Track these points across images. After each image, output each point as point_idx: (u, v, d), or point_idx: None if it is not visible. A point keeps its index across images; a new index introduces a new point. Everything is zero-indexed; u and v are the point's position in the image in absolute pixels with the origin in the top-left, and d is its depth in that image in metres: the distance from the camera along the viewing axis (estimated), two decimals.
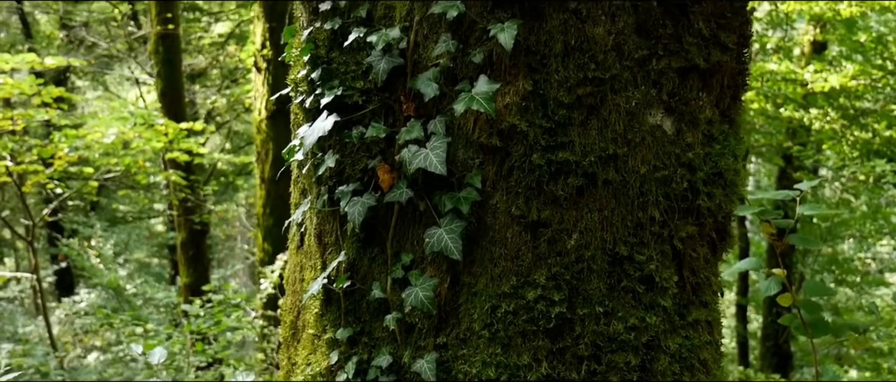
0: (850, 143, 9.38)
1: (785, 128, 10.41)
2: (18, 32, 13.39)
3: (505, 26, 1.50)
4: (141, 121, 8.69)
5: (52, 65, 8.42)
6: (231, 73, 12.89)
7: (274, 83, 8.09)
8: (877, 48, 9.08)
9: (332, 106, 1.66)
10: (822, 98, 9.27)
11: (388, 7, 1.63)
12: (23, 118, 8.37)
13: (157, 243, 14.40)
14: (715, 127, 1.69)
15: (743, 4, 1.68)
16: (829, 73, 8.69)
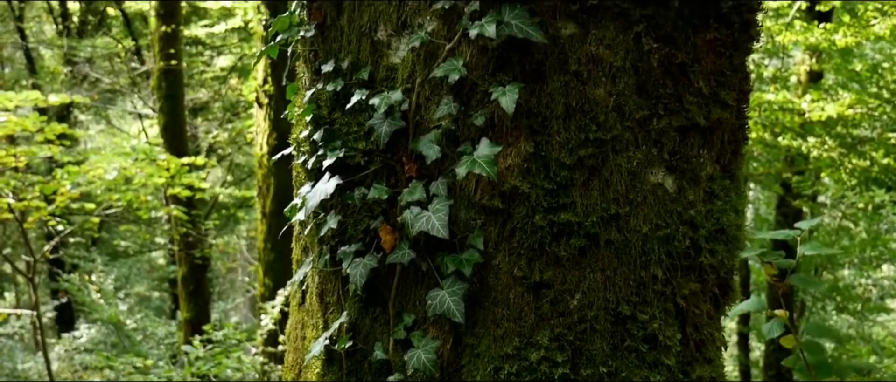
0: (848, 171, 9.40)
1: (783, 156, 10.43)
2: (23, 67, 13.48)
3: (506, 90, 1.51)
4: (143, 157, 8.71)
5: (56, 103, 8.47)
6: (233, 106, 12.95)
7: (275, 118, 8.14)
8: (872, 77, 9.13)
9: (334, 167, 1.67)
10: (819, 126, 9.30)
11: (389, 69, 1.65)
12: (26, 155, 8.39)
13: (157, 276, 14.36)
14: (716, 183, 1.69)
15: (742, 61, 1.70)
16: (826, 102, 8.73)
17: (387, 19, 1.62)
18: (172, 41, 9.81)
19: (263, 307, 7.40)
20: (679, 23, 1.57)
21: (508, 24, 1.49)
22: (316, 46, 1.74)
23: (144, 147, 9.10)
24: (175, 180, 8.83)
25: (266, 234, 8.37)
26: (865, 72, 9.03)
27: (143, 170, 8.68)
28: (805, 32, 8.10)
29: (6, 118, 8.02)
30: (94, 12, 13.13)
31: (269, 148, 8.21)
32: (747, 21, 1.67)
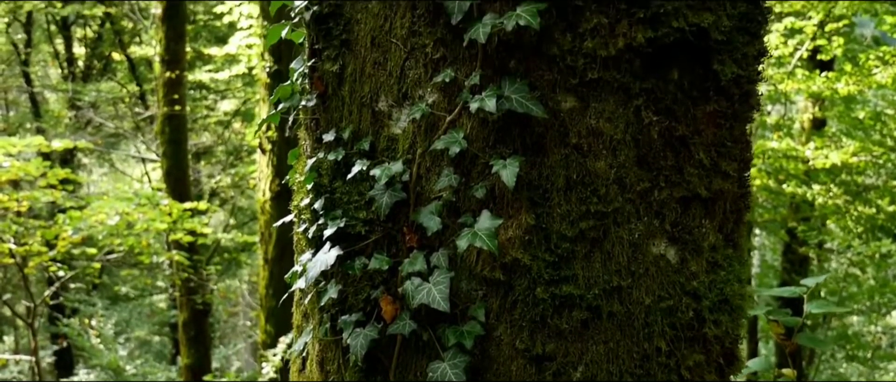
0: (854, 219, 9.37)
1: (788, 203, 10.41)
2: (28, 111, 13.59)
3: (507, 163, 1.51)
4: (145, 202, 8.73)
5: (59, 148, 8.53)
6: (236, 151, 13.02)
7: (278, 164, 8.16)
8: (876, 125, 9.16)
9: (335, 237, 1.66)
10: (824, 174, 9.30)
11: (390, 139, 1.65)
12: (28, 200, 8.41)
13: (158, 321, 14.29)
14: (719, 252, 1.68)
15: (742, 131, 1.70)
16: (830, 150, 8.74)
17: (388, 90, 1.63)
18: (177, 86, 9.89)
19: (265, 355, 7.34)
20: (679, 95, 1.58)
21: (508, 98, 1.50)
22: (317, 115, 1.74)
23: (147, 192, 9.12)
24: (177, 225, 8.84)
25: (268, 280, 8.34)
26: (869, 119, 9.07)
27: (145, 215, 8.68)
28: (807, 81, 8.15)
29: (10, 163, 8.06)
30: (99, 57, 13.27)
31: (272, 194, 8.23)
32: (747, 92, 1.67)
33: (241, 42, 8.40)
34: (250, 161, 12.02)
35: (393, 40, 1.61)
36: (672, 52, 1.56)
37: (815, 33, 7.93)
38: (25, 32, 13.03)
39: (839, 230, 9.93)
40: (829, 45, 8.28)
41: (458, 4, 1.50)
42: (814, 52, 9.07)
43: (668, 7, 1.51)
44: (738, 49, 1.62)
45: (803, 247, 10.14)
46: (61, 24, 12.94)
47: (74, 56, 13.39)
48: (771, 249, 12.80)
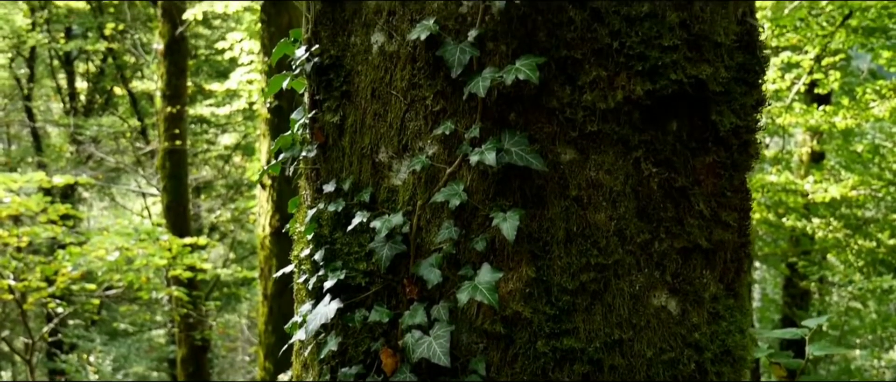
0: (854, 252, 9.35)
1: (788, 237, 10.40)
2: (29, 145, 13.63)
3: (507, 216, 1.51)
4: (145, 237, 8.71)
5: (60, 184, 8.53)
6: (236, 184, 13.03)
7: (278, 200, 8.16)
8: (874, 158, 9.18)
9: (335, 289, 1.65)
10: (823, 207, 9.30)
11: (390, 190, 1.65)
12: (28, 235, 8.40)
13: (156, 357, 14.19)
14: (720, 303, 1.67)
15: (742, 181, 1.70)
16: (829, 183, 8.74)
17: (388, 142, 1.63)
18: (178, 121, 9.94)
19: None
20: (678, 147, 1.58)
21: (508, 151, 1.50)
22: (318, 165, 1.75)
23: (147, 227, 9.11)
24: (177, 261, 8.81)
25: (267, 317, 8.29)
26: (867, 153, 9.09)
27: (144, 251, 8.66)
28: (805, 114, 8.18)
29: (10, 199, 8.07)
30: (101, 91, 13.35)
31: (272, 229, 8.21)
32: (746, 141, 1.67)
33: (242, 77, 8.45)
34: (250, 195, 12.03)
35: (393, 92, 1.62)
36: (671, 104, 1.56)
37: (812, 67, 7.98)
38: (28, 67, 13.12)
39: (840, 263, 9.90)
40: (826, 79, 8.33)
41: (458, 58, 1.51)
42: (811, 86, 9.13)
43: (667, 60, 1.52)
44: (737, 99, 1.63)
45: (804, 281, 10.11)
46: (64, 59, 13.03)
47: (76, 90, 13.46)
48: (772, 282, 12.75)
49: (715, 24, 1.58)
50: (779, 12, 7.12)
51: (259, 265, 8.67)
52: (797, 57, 8.01)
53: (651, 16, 1.52)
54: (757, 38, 1.68)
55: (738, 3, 1.65)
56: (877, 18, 6.84)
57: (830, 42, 7.14)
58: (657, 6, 1.52)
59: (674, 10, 1.53)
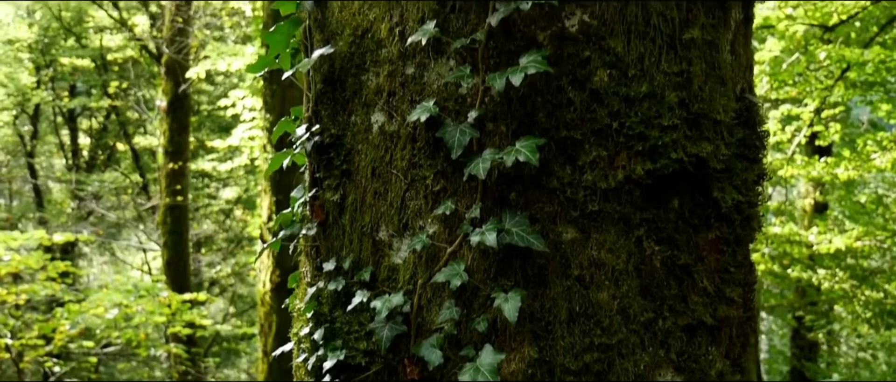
0: (861, 304, 9.28)
1: (794, 287, 10.33)
2: (31, 201, 13.66)
3: (509, 297, 1.49)
4: (144, 294, 8.67)
5: (60, 242, 8.52)
6: (237, 238, 13.01)
7: (278, 255, 8.13)
8: (877, 209, 9.17)
9: (335, 369, 1.63)
10: (828, 258, 9.26)
11: (391, 269, 1.63)
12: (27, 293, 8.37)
13: None
14: (726, 379, 1.65)
15: (745, 256, 1.69)
16: (834, 234, 8.72)
17: (388, 220, 1.63)
18: (179, 177, 9.97)
19: None
20: (680, 224, 1.57)
21: (509, 231, 1.49)
22: (318, 243, 1.74)
23: (146, 284, 9.07)
24: (176, 317, 8.75)
25: (267, 374, 8.19)
26: (870, 204, 9.08)
27: (144, 307, 8.61)
28: (807, 166, 8.20)
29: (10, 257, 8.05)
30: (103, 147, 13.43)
31: (272, 285, 8.16)
32: (748, 216, 1.66)
33: (244, 134, 8.51)
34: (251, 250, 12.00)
35: (393, 171, 1.62)
36: (672, 182, 1.56)
37: (812, 120, 8.03)
38: (32, 124, 13.22)
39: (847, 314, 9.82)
40: (826, 131, 8.37)
41: (458, 139, 1.51)
42: (812, 138, 9.16)
43: (667, 139, 1.52)
44: (738, 175, 1.62)
45: (812, 333, 10.00)
46: (68, 115, 13.14)
47: (79, 147, 13.55)
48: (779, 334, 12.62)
49: (714, 102, 1.58)
50: (777, 67, 7.18)
51: (259, 320, 8.60)
52: (797, 109, 8.06)
53: (650, 96, 1.52)
54: (756, 113, 1.68)
55: (736, 79, 1.66)
56: (874, 72, 6.89)
57: (829, 95, 7.19)
58: (656, 86, 1.53)
59: (673, 90, 1.54)
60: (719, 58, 1.62)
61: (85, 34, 12.58)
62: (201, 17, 10.34)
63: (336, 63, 1.69)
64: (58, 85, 12.84)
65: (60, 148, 13.65)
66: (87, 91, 12.75)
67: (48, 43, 12.82)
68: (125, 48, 11.91)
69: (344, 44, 1.68)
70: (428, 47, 1.57)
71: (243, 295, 14.25)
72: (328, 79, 1.71)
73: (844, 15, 7.13)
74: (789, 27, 7.09)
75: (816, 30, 7.15)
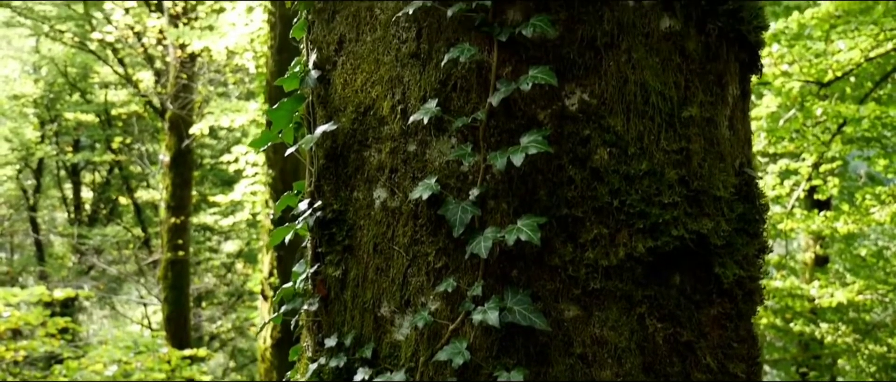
0: (865, 358, 9.19)
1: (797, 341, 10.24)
2: (32, 255, 13.65)
3: (511, 375, 1.49)
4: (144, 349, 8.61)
5: (60, 298, 8.49)
6: (238, 292, 12.95)
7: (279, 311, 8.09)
8: (878, 262, 9.14)
9: None
10: (830, 312, 9.20)
11: (393, 346, 1.63)
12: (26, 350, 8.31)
13: None
14: None
15: (748, 330, 1.68)
16: (835, 288, 8.68)
17: (390, 297, 1.63)
18: (181, 232, 9.97)
19: None
20: (682, 301, 1.57)
21: (511, 309, 1.49)
22: (320, 318, 1.74)
23: (146, 340, 9.02)
24: (176, 374, 8.67)
25: None
26: (871, 257, 9.06)
27: (143, 364, 8.54)
28: (806, 220, 8.20)
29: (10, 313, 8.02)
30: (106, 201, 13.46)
31: (273, 341, 8.11)
32: (750, 290, 1.67)
33: (246, 189, 8.54)
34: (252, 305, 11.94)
35: (395, 248, 1.63)
36: (673, 259, 1.57)
37: (810, 174, 8.06)
38: (35, 178, 13.28)
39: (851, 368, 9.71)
40: (824, 186, 8.40)
41: (460, 218, 1.52)
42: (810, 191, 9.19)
43: (667, 216, 1.54)
44: (739, 250, 1.63)
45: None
46: (71, 170, 13.21)
47: (82, 201, 13.59)
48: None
49: (713, 178, 1.60)
50: (774, 123, 7.24)
51: (259, 376, 8.51)
52: (795, 164, 8.10)
53: (650, 174, 1.54)
54: (755, 187, 1.70)
55: (735, 154, 1.68)
56: (871, 128, 6.95)
57: (827, 151, 7.23)
58: (656, 164, 1.55)
59: (672, 168, 1.56)
60: (718, 134, 1.64)
61: (90, 89, 12.73)
62: (205, 73, 10.47)
63: (339, 139, 1.72)
64: (62, 139, 12.94)
65: (63, 201, 13.69)
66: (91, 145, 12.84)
67: (53, 98, 12.96)
68: (129, 103, 12.04)
69: (346, 120, 1.71)
70: (430, 125, 1.60)
71: (244, 349, 14.13)
72: (331, 154, 1.73)
73: (839, 71, 7.21)
74: (785, 84, 7.17)
75: (812, 86, 7.22)
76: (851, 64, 7.20)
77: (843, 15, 7.18)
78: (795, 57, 7.20)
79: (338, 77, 1.74)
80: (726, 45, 1.67)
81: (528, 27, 1.52)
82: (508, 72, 1.56)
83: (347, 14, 1.73)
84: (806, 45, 7.23)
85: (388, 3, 1.66)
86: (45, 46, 12.89)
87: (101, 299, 13.41)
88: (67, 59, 12.37)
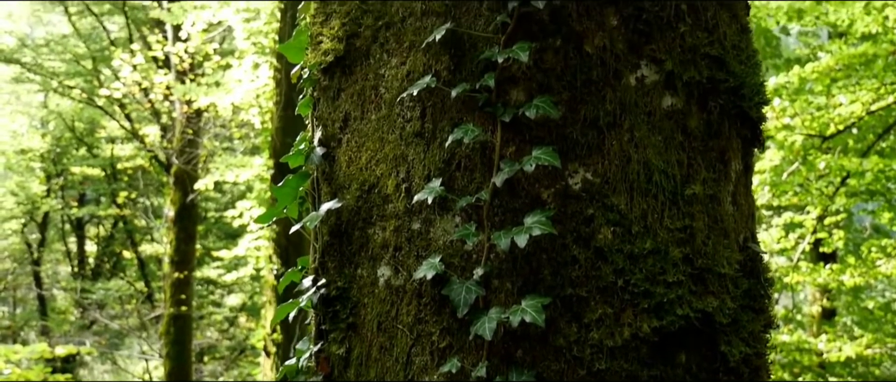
0: None
1: None
2: (35, 309, 13.60)
3: None
4: None
5: (62, 355, 8.44)
6: (240, 346, 12.85)
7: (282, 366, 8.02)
8: (886, 315, 9.06)
9: None
10: (839, 366, 9.08)
11: None
12: None
13: None
14: None
15: None
16: (843, 342, 8.58)
17: (394, 376, 1.62)
18: (184, 287, 9.95)
19: None
20: (688, 379, 1.56)
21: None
22: None
23: None
24: None
25: None
26: (878, 310, 8.98)
27: None
28: (812, 273, 8.15)
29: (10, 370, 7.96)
30: (109, 255, 13.46)
31: None
32: (756, 367, 1.65)
33: (250, 244, 8.53)
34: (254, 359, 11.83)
35: (399, 326, 1.62)
36: (678, 338, 1.55)
37: (815, 227, 8.04)
38: (40, 232, 13.31)
39: None
40: (830, 238, 8.37)
41: (464, 298, 1.52)
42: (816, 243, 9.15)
43: (672, 296, 1.53)
44: (745, 327, 1.62)
45: None
46: (76, 223, 13.24)
47: (86, 254, 13.59)
48: None
49: (718, 255, 1.60)
50: (777, 176, 7.26)
51: None
52: (799, 217, 8.09)
53: (654, 252, 1.54)
54: (760, 262, 1.70)
55: (739, 230, 1.68)
56: (874, 181, 6.95)
57: (831, 204, 7.23)
58: (660, 242, 1.55)
59: (677, 246, 1.56)
60: (721, 210, 1.65)
61: (97, 144, 12.84)
62: (211, 128, 10.56)
63: (343, 216, 1.72)
64: (67, 193, 13.00)
65: (67, 255, 13.69)
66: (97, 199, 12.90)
67: (60, 152, 13.06)
68: (135, 157, 12.12)
69: (351, 197, 1.72)
70: (434, 204, 1.60)
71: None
72: (335, 231, 1.74)
73: (841, 125, 7.26)
74: (788, 137, 7.20)
75: (815, 139, 7.26)
76: (853, 117, 7.25)
77: (844, 69, 7.25)
78: (797, 110, 7.26)
79: (343, 154, 1.75)
80: (728, 121, 1.69)
81: (531, 108, 1.54)
82: (512, 151, 1.57)
83: (352, 92, 1.75)
84: (807, 99, 7.29)
85: (392, 83, 1.68)
86: (53, 101, 13.05)
87: (102, 354, 13.30)
88: (75, 113, 12.50)
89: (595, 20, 1.60)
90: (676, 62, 1.62)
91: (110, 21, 12.68)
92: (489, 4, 1.62)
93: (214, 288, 13.06)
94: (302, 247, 7.46)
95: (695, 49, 1.64)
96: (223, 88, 8.56)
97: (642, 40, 1.61)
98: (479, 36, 1.61)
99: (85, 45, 12.02)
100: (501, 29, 1.59)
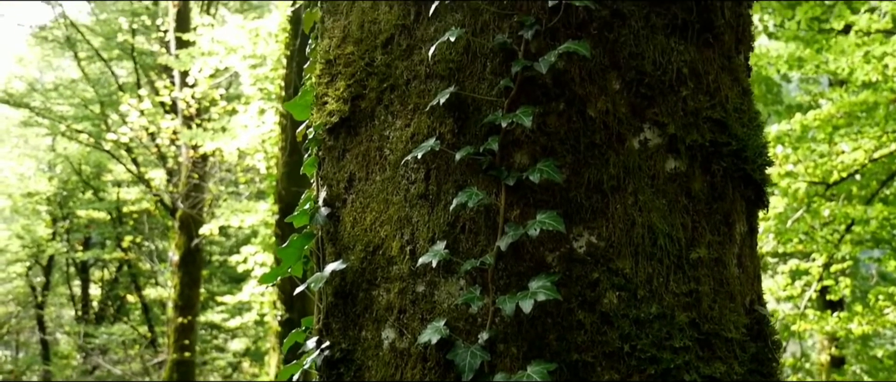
0: None
1: None
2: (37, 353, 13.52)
3: None
4: None
5: None
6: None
7: None
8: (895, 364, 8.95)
9: None
10: None
11: None
12: None
13: None
14: None
15: None
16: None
17: None
18: (188, 332, 9.89)
19: None
20: None
21: None
22: None
23: None
24: None
25: None
26: (888, 358, 8.88)
27: None
28: (820, 321, 8.08)
29: None
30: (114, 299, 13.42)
31: None
32: None
33: (254, 290, 8.51)
34: None
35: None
36: None
37: (821, 275, 7.99)
38: (45, 275, 13.30)
39: None
40: (836, 286, 8.31)
41: (469, 363, 1.50)
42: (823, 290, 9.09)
43: (679, 361, 1.52)
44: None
45: None
46: (80, 267, 13.23)
47: (90, 298, 13.56)
48: None
49: (724, 319, 1.59)
50: (782, 223, 7.24)
51: None
52: (805, 264, 8.05)
53: (660, 317, 1.53)
54: (767, 325, 1.68)
55: (745, 293, 1.68)
56: (879, 229, 6.93)
57: (836, 252, 7.20)
58: (666, 307, 1.54)
59: (683, 311, 1.55)
60: (727, 273, 1.64)
61: (103, 187, 12.89)
62: (216, 173, 10.61)
63: (348, 277, 1.72)
64: (73, 236, 13.02)
65: (71, 299, 13.66)
66: (102, 243, 12.91)
67: (67, 195, 13.12)
68: (141, 201, 12.17)
69: (356, 258, 1.72)
70: (439, 267, 1.60)
71: None
72: (339, 292, 1.73)
73: (844, 172, 7.25)
74: (791, 184, 7.20)
75: (819, 187, 7.25)
76: (856, 165, 7.25)
77: (845, 116, 7.28)
78: (800, 157, 7.27)
79: (347, 215, 1.76)
80: (732, 183, 1.69)
81: (534, 172, 1.54)
82: (516, 215, 1.57)
83: (357, 153, 1.76)
84: (810, 147, 7.30)
85: (397, 145, 1.69)
86: (61, 145, 13.15)
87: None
88: (82, 157, 12.58)
89: (597, 84, 1.62)
90: (679, 125, 1.63)
91: (119, 66, 12.85)
92: (493, 68, 1.64)
93: (218, 332, 12.99)
94: (306, 295, 7.42)
95: (697, 112, 1.66)
96: (229, 133, 8.62)
97: (645, 104, 1.63)
98: (482, 99, 1.63)
99: (93, 89, 12.17)
100: (505, 93, 1.61)
